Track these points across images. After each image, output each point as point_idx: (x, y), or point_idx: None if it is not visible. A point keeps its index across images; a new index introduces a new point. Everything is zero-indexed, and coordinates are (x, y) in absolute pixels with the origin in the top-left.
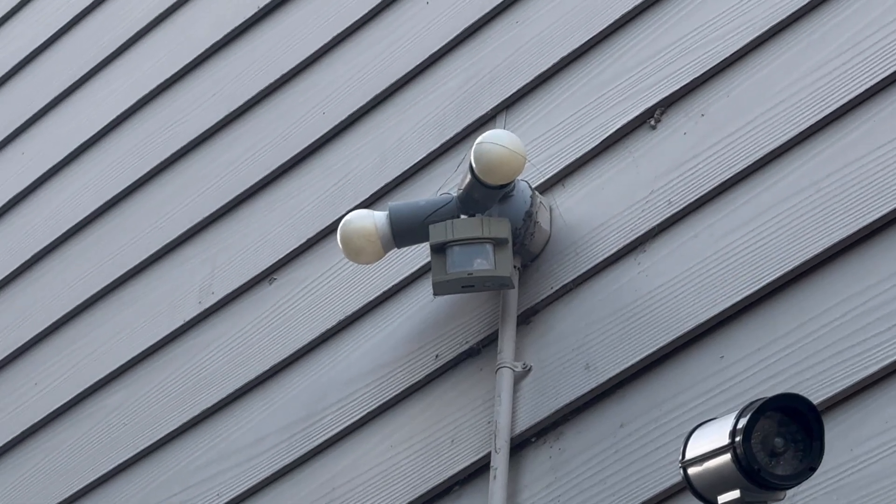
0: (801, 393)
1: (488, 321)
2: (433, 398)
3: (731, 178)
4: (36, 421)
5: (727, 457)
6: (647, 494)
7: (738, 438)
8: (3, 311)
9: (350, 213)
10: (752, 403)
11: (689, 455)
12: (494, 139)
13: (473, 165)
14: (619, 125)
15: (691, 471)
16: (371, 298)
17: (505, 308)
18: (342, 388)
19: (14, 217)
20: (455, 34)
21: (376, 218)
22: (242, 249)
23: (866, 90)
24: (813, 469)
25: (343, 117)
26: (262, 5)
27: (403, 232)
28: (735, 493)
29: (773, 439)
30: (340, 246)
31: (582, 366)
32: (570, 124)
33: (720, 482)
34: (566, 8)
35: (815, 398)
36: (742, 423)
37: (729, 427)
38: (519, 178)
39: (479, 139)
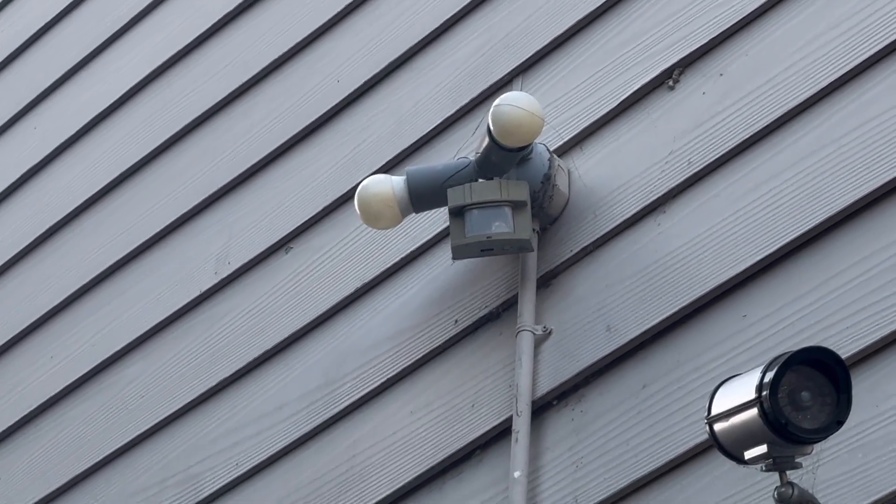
0: None
1: (507, 285)
2: (453, 363)
3: (751, 137)
4: (53, 394)
5: (754, 411)
6: (671, 454)
7: (764, 392)
8: (19, 284)
9: (367, 179)
10: (778, 357)
11: (715, 411)
12: (513, 101)
13: (491, 127)
14: (636, 87)
15: (717, 427)
16: (389, 265)
17: (524, 271)
18: (361, 354)
19: (29, 191)
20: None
21: (394, 183)
22: (258, 219)
23: (886, 46)
24: (840, 423)
25: (358, 84)
26: None
27: (421, 196)
28: (762, 448)
29: (800, 393)
30: (358, 211)
31: (603, 327)
32: (588, 87)
33: (747, 437)
34: None
35: (842, 353)
36: (769, 376)
37: (755, 381)
38: (537, 141)
39: (496, 101)
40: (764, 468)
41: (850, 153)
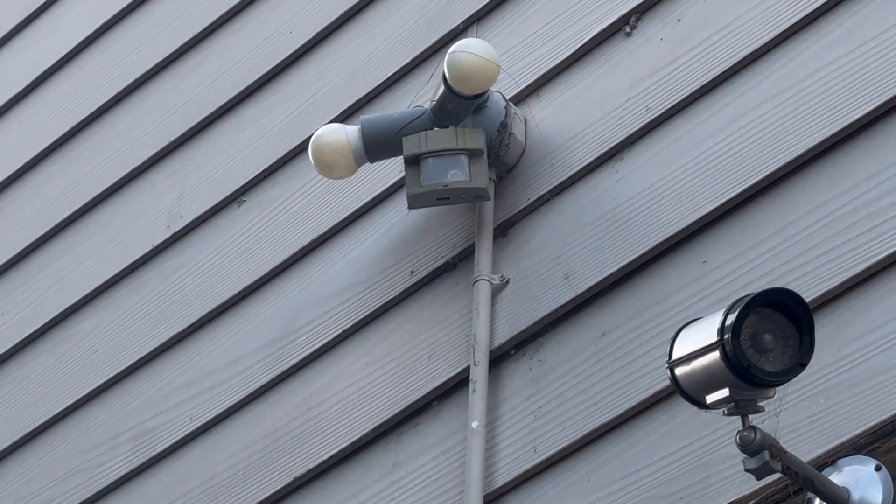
0: None
1: (464, 234)
2: (409, 315)
3: (710, 82)
4: (3, 351)
5: (716, 354)
6: (631, 402)
7: (726, 336)
8: None
9: (321, 128)
10: (740, 300)
11: (676, 355)
12: (468, 48)
13: (447, 75)
14: (593, 33)
15: (678, 371)
16: (344, 216)
17: (481, 220)
18: (316, 307)
19: None
20: None
21: (348, 132)
22: (210, 172)
23: None
24: (803, 365)
25: (311, 36)
26: None
27: (376, 145)
28: (724, 392)
29: (763, 335)
30: (312, 161)
31: (561, 276)
32: (544, 34)
33: (709, 381)
34: None
35: (804, 297)
36: (731, 319)
37: (717, 324)
38: (493, 89)
39: (452, 48)
40: (726, 412)
41: (810, 97)
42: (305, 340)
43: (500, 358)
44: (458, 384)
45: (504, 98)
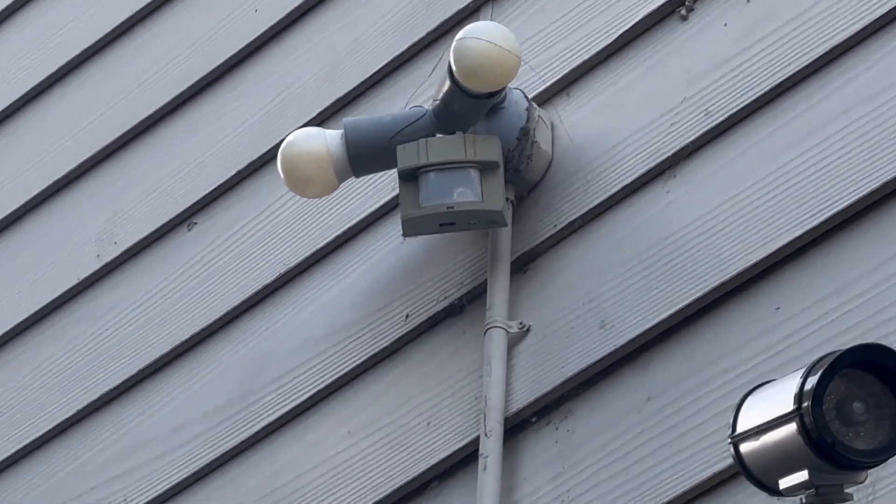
0: None
1: (473, 270)
2: (403, 370)
3: (788, 79)
4: None
5: (791, 427)
6: (683, 486)
7: (805, 403)
8: None
9: (294, 133)
10: (822, 359)
11: (742, 427)
12: (480, 34)
13: (453, 68)
14: (640, 16)
15: (744, 447)
16: (321, 245)
17: (495, 252)
18: (285, 360)
19: None
20: None
21: (328, 138)
22: (152, 187)
23: None
24: None
25: (282, 15)
26: None
27: (363, 155)
28: (802, 475)
29: (852, 404)
30: (282, 175)
31: (595, 324)
32: (577, 17)
33: (783, 461)
34: None
35: None
36: (811, 383)
37: (794, 389)
38: (511, 85)
39: (460, 34)
40: (804, 500)
41: None
42: (271, 402)
43: (517, 427)
44: (464, 460)
45: (526, 97)
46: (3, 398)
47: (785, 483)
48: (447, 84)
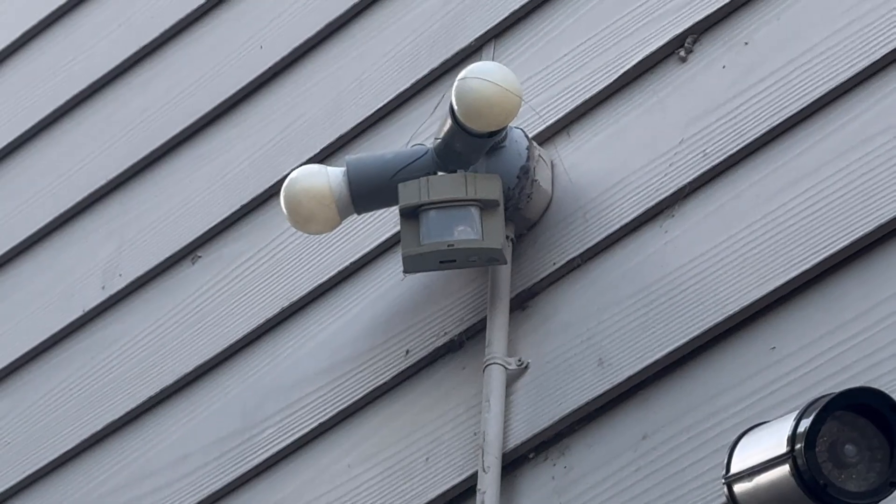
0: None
1: (473, 307)
2: (403, 405)
3: (784, 122)
4: None
5: (784, 469)
6: None
7: (798, 445)
8: None
9: (297, 170)
10: (815, 401)
11: (736, 468)
12: (482, 74)
13: (455, 107)
14: (639, 57)
15: (738, 488)
16: (323, 280)
17: (494, 290)
18: (287, 393)
19: None
20: None
21: (331, 175)
22: (157, 220)
23: None
24: (894, 484)
25: (287, 52)
26: None
27: (365, 193)
28: None
29: (844, 446)
30: (285, 211)
31: (593, 361)
32: (577, 57)
33: (776, 502)
34: None
35: (895, 398)
36: (804, 425)
37: (787, 431)
38: (512, 124)
39: (462, 74)
40: None
41: None
42: (272, 434)
43: (515, 462)
44: (462, 495)
45: (526, 136)
46: (9, 427)
47: None
48: (449, 123)
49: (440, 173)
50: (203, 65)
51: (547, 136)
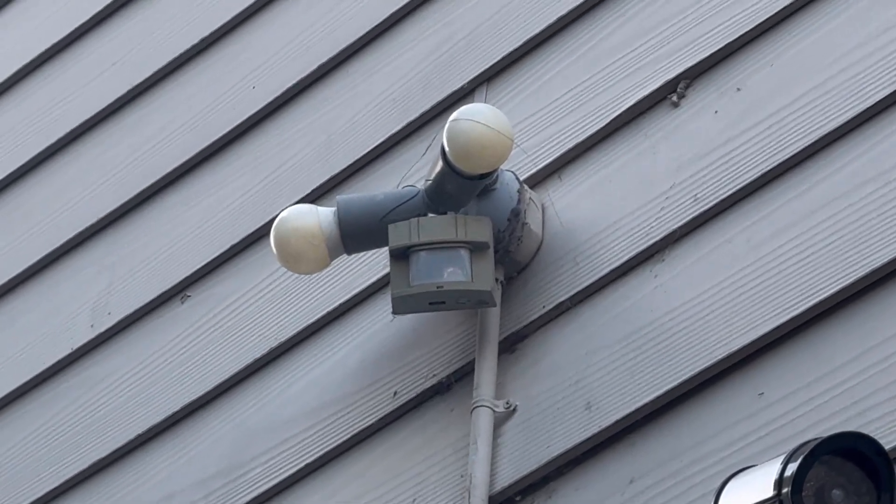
0: None
1: (461, 349)
2: (390, 447)
3: (776, 167)
4: None
5: None
6: None
7: (785, 489)
8: None
9: (287, 209)
10: (803, 446)
11: None
12: (473, 115)
13: (447, 149)
14: (631, 101)
15: None
16: (312, 321)
17: (483, 332)
18: (273, 434)
19: None
20: None
21: (321, 215)
22: (147, 259)
23: None
24: None
25: (279, 92)
26: None
27: (355, 233)
28: None
29: (831, 491)
30: (274, 250)
31: (581, 405)
32: (569, 101)
33: None
34: None
35: (883, 444)
36: (791, 469)
37: (774, 475)
38: (504, 167)
39: (454, 115)
40: None
41: None
42: (259, 475)
43: None
44: None
45: (517, 179)
46: None
47: None
48: (440, 164)
49: (430, 215)
50: (195, 104)
51: (538, 179)
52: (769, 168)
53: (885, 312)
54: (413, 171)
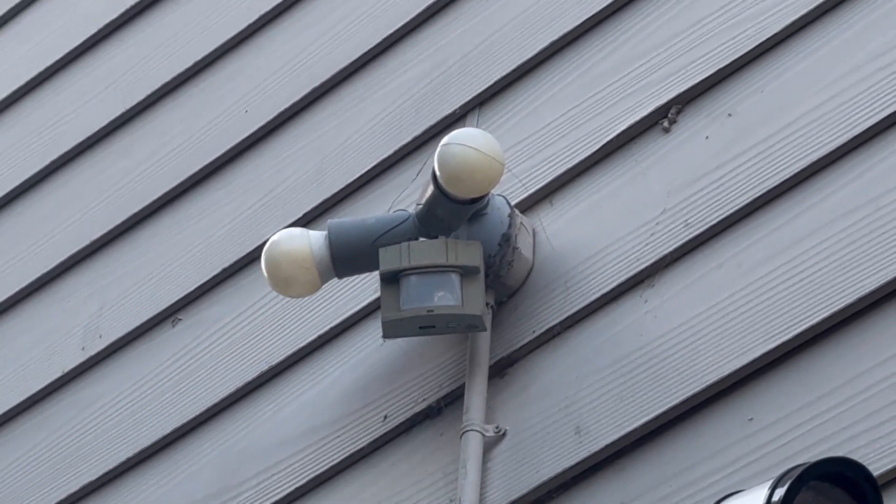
0: None
1: (452, 373)
2: (380, 471)
3: (766, 193)
4: None
5: None
6: None
7: None
8: None
9: (278, 233)
10: (792, 470)
11: None
12: (465, 140)
13: (437, 173)
14: (623, 127)
15: None
16: (302, 344)
17: (473, 357)
18: (264, 457)
19: None
20: (417, 11)
21: (312, 239)
22: (139, 282)
23: None
24: None
25: (271, 116)
26: None
27: (346, 257)
28: None
29: None
30: (266, 274)
31: (571, 430)
32: (561, 126)
33: None
34: None
35: (871, 470)
36: (779, 494)
37: (761, 500)
38: (494, 191)
39: (445, 140)
40: None
41: (891, 217)
42: (249, 498)
43: None
44: None
45: (508, 203)
46: None
47: None
48: (431, 189)
49: (421, 239)
50: (188, 128)
51: (529, 204)
52: (759, 194)
53: (874, 339)
54: (405, 196)
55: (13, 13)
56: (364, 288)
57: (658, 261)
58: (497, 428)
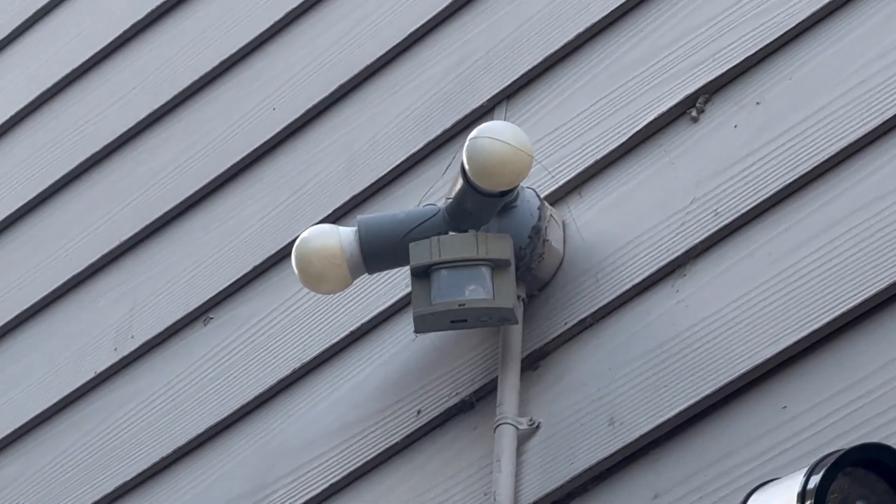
0: None
1: (484, 367)
2: (415, 466)
3: (796, 181)
4: None
5: None
6: None
7: (808, 502)
8: None
9: (309, 230)
10: (826, 458)
11: None
12: (493, 133)
13: (466, 167)
14: (651, 117)
15: None
16: (334, 341)
17: (506, 350)
18: (298, 454)
19: None
20: (444, 5)
21: (342, 235)
22: (170, 281)
23: None
24: None
25: (299, 113)
26: None
27: (377, 252)
28: None
29: (855, 503)
30: (296, 271)
31: (605, 421)
32: (589, 117)
33: None
34: None
35: None
36: (814, 481)
37: (797, 488)
38: (524, 184)
39: (473, 133)
40: None
41: None
42: (284, 496)
43: None
44: None
45: (538, 196)
46: (20, 490)
47: None
48: (460, 182)
49: (451, 233)
50: (216, 127)
51: (559, 196)
52: (789, 181)
53: None
54: (434, 190)
55: (39, 15)
56: (395, 283)
57: (689, 250)
58: (531, 421)
